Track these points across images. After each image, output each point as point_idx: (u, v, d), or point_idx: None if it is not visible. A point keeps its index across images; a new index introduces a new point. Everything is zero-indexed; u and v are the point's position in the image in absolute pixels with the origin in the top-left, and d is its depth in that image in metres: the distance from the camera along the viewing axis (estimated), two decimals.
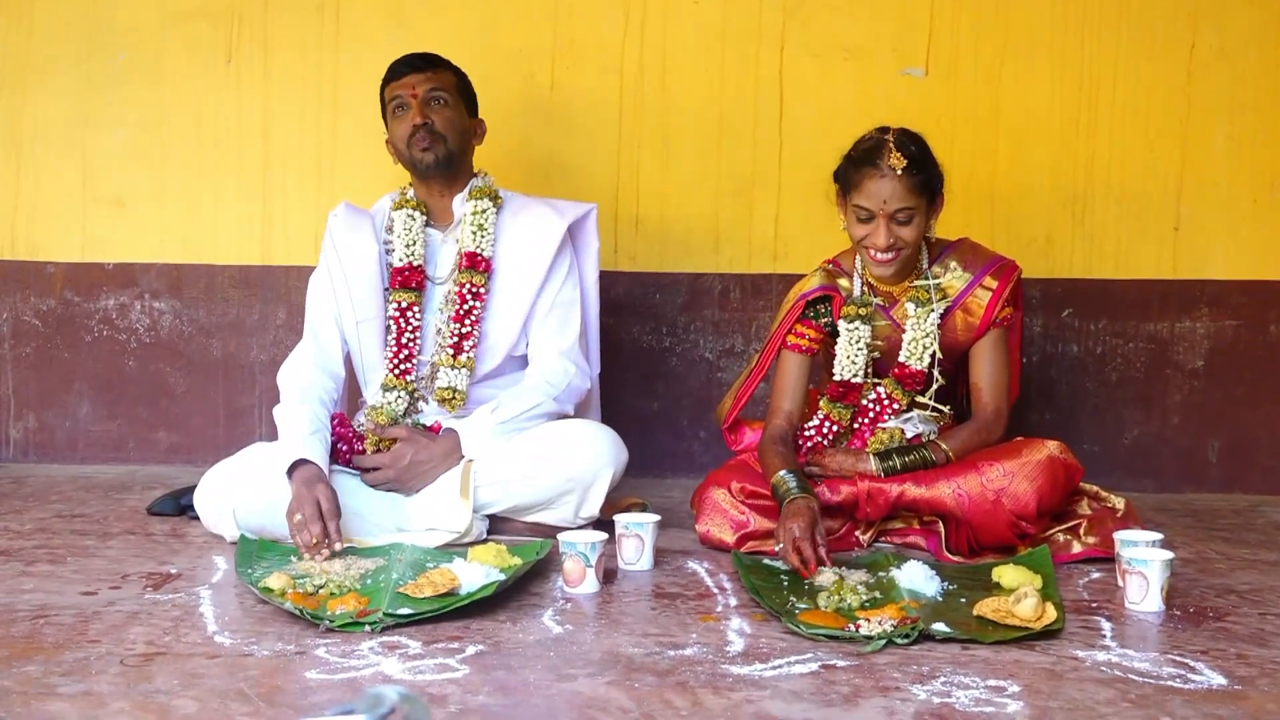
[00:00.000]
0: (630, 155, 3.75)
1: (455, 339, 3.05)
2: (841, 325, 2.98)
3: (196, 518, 3.02)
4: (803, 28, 3.72)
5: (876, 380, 3.00)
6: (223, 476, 2.87)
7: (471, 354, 3.06)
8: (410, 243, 3.09)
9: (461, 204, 3.14)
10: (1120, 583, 2.52)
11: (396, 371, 3.05)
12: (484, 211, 3.11)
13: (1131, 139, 3.70)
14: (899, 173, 2.80)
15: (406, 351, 3.05)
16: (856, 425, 3.00)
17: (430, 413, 3.07)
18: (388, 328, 3.07)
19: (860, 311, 2.96)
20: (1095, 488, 3.00)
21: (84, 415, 3.82)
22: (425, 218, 3.13)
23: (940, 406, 3.01)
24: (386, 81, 3.12)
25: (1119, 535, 2.65)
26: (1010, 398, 3.06)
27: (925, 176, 2.84)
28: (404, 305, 3.06)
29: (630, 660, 2.09)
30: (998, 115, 3.71)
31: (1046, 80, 3.71)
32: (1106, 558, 2.75)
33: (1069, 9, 3.69)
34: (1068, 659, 2.13)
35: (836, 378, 3.00)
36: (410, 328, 3.05)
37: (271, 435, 3.54)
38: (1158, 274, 3.71)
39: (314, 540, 2.59)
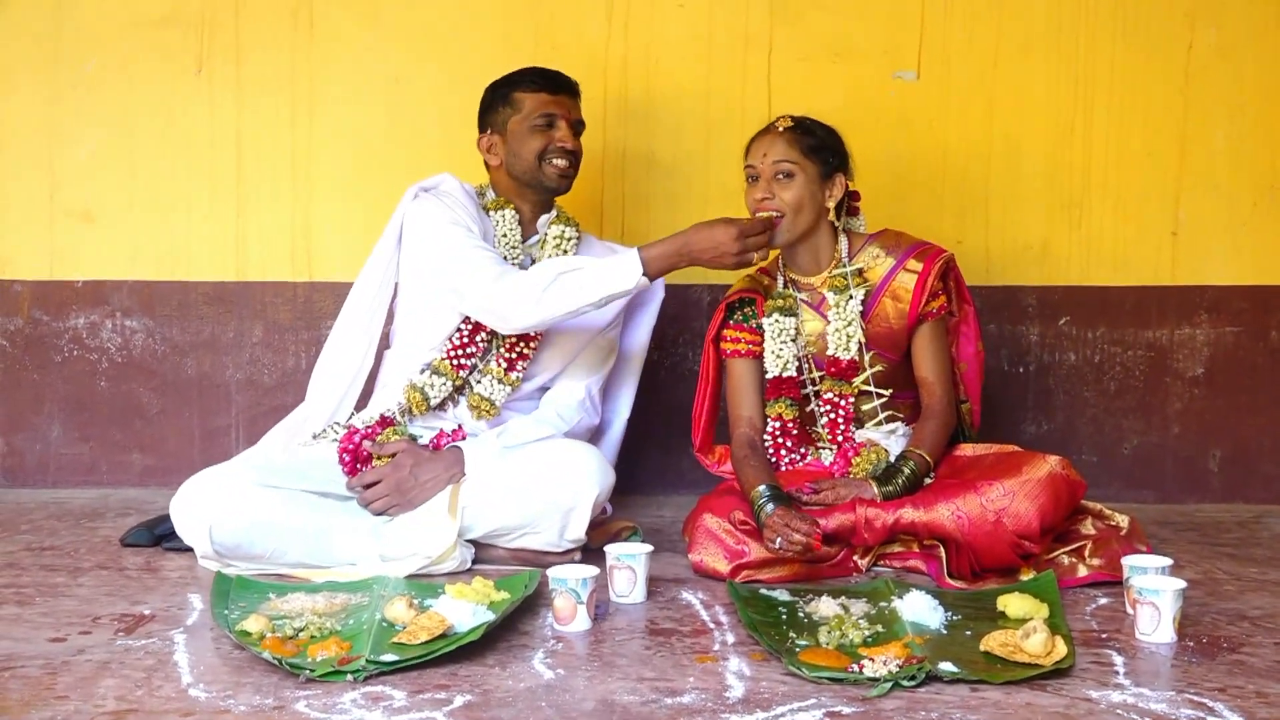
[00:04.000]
0: (615, 161, 3.66)
1: (508, 354, 3.02)
2: (765, 322, 3.00)
3: (172, 548, 2.94)
4: (791, 30, 3.63)
5: (821, 376, 3.01)
6: (201, 488, 2.77)
7: (521, 374, 3.04)
8: (513, 244, 3.06)
9: (545, 224, 3.11)
10: (1130, 610, 2.45)
11: (454, 361, 3.00)
12: (569, 239, 3.10)
13: (1128, 141, 3.63)
14: (781, 130, 2.91)
15: (474, 349, 3.01)
16: (831, 435, 2.99)
17: (452, 415, 3.03)
18: (466, 316, 3.01)
19: (780, 304, 2.99)
20: (1099, 506, 2.93)
21: (55, 438, 3.71)
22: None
23: (882, 391, 2.99)
24: (529, 88, 3.04)
25: (1127, 561, 2.57)
26: (975, 395, 3.10)
27: (813, 141, 2.92)
28: None
29: (626, 710, 2.00)
30: (991, 118, 3.63)
31: (1041, 82, 3.63)
32: (1113, 581, 2.68)
33: (1063, 9, 3.61)
34: (1081, 700, 2.05)
35: (769, 375, 3.00)
36: (485, 328, 3.00)
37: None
38: (1156, 280, 3.64)
39: None
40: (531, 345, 3.04)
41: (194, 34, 3.65)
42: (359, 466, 2.91)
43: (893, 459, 2.91)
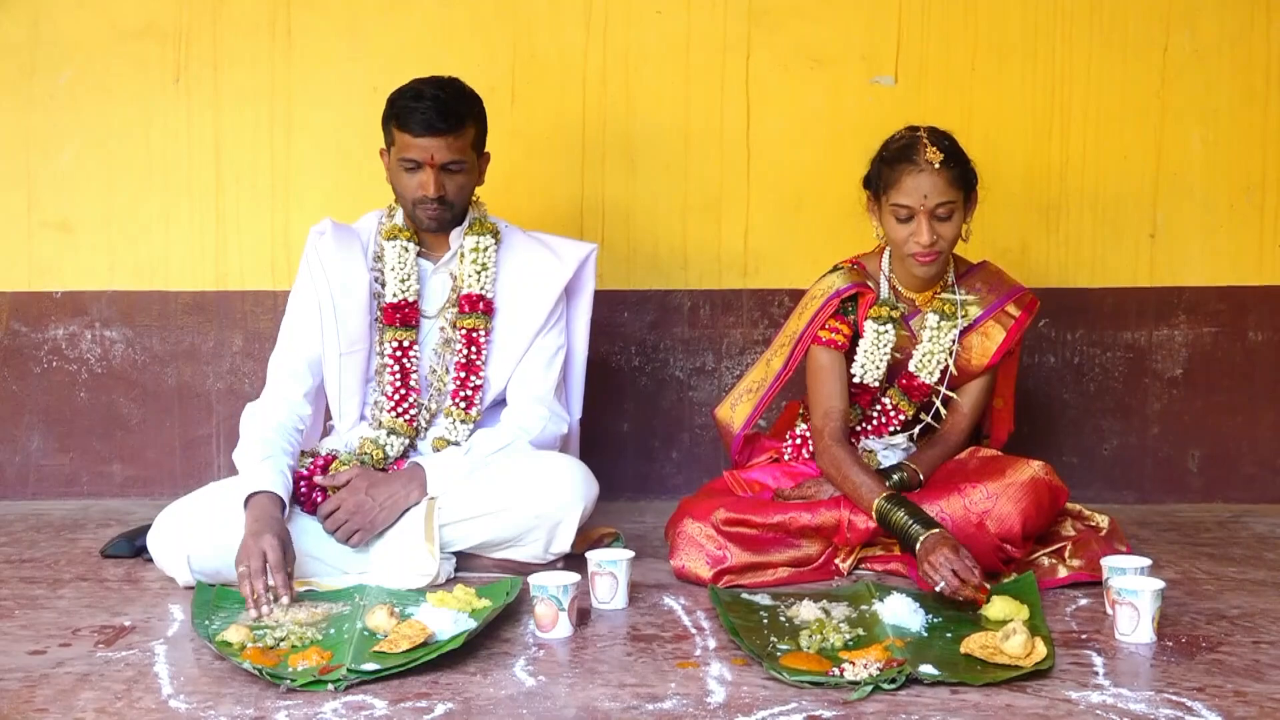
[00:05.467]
0: (594, 169, 3.66)
1: (463, 390, 2.93)
2: (869, 325, 2.93)
3: (152, 559, 2.91)
4: (769, 36, 3.63)
5: (886, 385, 2.99)
6: (177, 518, 2.73)
7: (480, 408, 2.95)
8: (404, 277, 2.93)
9: (459, 237, 2.98)
10: (1109, 611, 2.46)
11: (403, 416, 2.91)
12: (485, 249, 2.96)
13: (1105, 144, 3.64)
14: (937, 166, 2.77)
15: (414, 395, 2.93)
16: (860, 431, 3.00)
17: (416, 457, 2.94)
18: (383, 365, 2.93)
19: (890, 314, 2.92)
20: (1079, 507, 2.94)
21: (35, 449, 3.69)
22: (417, 248, 2.97)
23: (934, 425, 2.99)
24: (401, 124, 2.83)
25: (1107, 562, 2.58)
26: (1005, 431, 3.10)
27: (961, 170, 2.83)
28: (403, 344, 2.92)
29: (607, 717, 2.01)
30: (969, 122, 3.62)
31: (1018, 85, 3.64)
32: (1093, 581, 2.69)
33: (1039, 13, 3.62)
34: (1060, 701, 2.06)
35: (856, 379, 2.95)
36: (411, 369, 2.92)
37: (230, 468, 3.44)
38: (1134, 281, 3.65)
39: (256, 596, 2.45)
40: (480, 375, 2.96)
41: (171, 44, 3.64)
42: (316, 510, 2.85)
43: (882, 466, 2.92)
